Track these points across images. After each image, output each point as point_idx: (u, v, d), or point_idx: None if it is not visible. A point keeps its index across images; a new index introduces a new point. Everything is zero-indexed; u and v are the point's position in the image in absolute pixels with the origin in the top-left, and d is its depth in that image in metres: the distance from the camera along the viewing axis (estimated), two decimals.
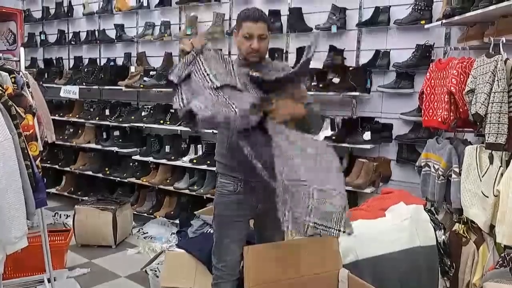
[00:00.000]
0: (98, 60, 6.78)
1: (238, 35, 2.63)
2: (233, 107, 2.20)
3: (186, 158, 5.41)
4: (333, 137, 4.37)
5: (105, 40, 6.58)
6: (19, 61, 5.67)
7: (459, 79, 3.30)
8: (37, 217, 3.53)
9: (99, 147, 6.23)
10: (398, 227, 3.11)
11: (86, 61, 6.85)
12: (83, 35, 6.87)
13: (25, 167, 2.71)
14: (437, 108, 3.57)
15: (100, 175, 6.17)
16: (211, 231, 3.40)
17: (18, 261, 3.79)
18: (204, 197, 5.19)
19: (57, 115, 6.55)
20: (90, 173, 6.25)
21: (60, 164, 6.62)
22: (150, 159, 5.68)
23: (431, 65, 3.76)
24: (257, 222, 2.85)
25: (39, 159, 3.15)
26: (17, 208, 2.59)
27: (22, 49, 5.20)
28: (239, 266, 2.75)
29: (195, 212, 4.09)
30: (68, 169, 6.50)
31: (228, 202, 2.62)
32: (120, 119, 5.99)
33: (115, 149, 6.04)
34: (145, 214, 5.67)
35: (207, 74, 2.35)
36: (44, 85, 6.48)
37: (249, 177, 2.49)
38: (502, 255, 2.72)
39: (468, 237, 3.25)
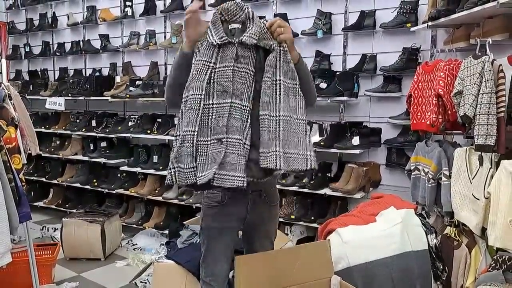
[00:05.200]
0: (83, 70, 6.74)
1: None
2: None
3: None
4: (322, 143, 4.34)
5: (90, 51, 6.53)
6: (1, 73, 5.62)
7: (446, 81, 3.29)
8: (23, 231, 3.47)
9: (86, 158, 6.16)
10: (389, 232, 3.08)
11: (71, 72, 6.79)
12: (68, 46, 6.83)
13: (7, 181, 2.66)
14: (425, 111, 3.56)
15: (88, 187, 6.11)
16: (200, 242, 3.36)
17: (4, 277, 3.73)
18: (194, 207, 5.14)
19: (43, 127, 6.53)
20: (77, 185, 6.18)
21: (47, 176, 6.55)
22: (138, 169, 5.63)
23: (418, 68, 3.75)
24: (246, 234, 2.80)
25: (22, 172, 3.11)
26: None
27: (4, 61, 5.15)
28: (227, 279, 2.71)
29: (184, 222, 4.05)
30: (55, 181, 6.43)
31: (216, 213, 2.56)
32: (107, 130, 5.94)
33: (102, 160, 5.98)
34: (134, 225, 5.60)
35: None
36: (30, 97, 6.41)
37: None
38: (495, 257, 2.70)
39: (460, 240, 3.22)
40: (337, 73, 4.47)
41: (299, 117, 2.29)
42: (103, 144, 6.11)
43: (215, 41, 2.27)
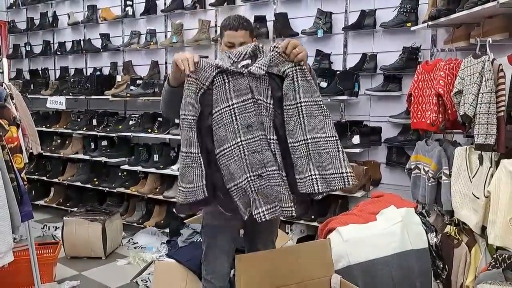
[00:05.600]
0: (84, 70, 6.75)
1: (222, 44, 2.63)
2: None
3: (175, 167, 5.37)
4: None
5: (91, 50, 6.55)
6: (2, 72, 5.63)
7: (446, 81, 3.30)
8: (24, 230, 3.48)
9: (87, 157, 6.18)
10: (389, 231, 3.09)
11: (72, 71, 6.80)
12: (68, 45, 6.84)
13: (9, 180, 2.68)
14: (425, 110, 3.57)
15: (88, 185, 6.12)
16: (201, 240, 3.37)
17: (6, 276, 3.75)
18: None
19: (44, 126, 6.54)
20: (78, 184, 6.20)
21: (48, 175, 6.56)
22: (139, 168, 5.63)
23: (418, 67, 3.75)
24: (247, 232, 2.83)
25: (24, 171, 3.11)
26: (1, 222, 2.55)
27: (5, 60, 5.16)
28: (229, 277, 2.73)
29: (184, 221, 4.06)
30: (56, 180, 6.44)
31: (217, 211, 2.57)
32: (108, 129, 5.96)
33: (103, 159, 6.00)
34: (135, 224, 5.62)
35: None
36: (30, 96, 6.43)
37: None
38: (494, 256, 2.71)
39: (460, 239, 3.23)
40: (338, 72, 4.48)
41: (328, 134, 2.29)
42: (104, 143, 6.13)
43: (224, 67, 2.27)
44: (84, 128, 6.18)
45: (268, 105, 2.28)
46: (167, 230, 5.08)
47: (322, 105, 2.32)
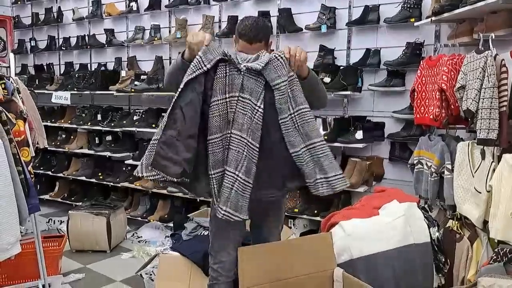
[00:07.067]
0: (89, 65, 6.78)
1: (236, 46, 2.60)
2: None
3: None
4: (325, 137, 4.34)
5: (95, 45, 6.56)
6: (9, 67, 5.65)
7: (449, 76, 3.31)
8: (30, 223, 3.51)
9: (91, 152, 6.20)
10: (391, 225, 3.11)
11: (77, 67, 6.83)
12: (73, 41, 6.86)
13: (17, 173, 2.71)
14: (428, 106, 3.58)
15: (93, 180, 6.16)
16: (205, 233, 3.40)
17: (12, 268, 3.78)
18: (198, 200, 5.18)
19: (49, 121, 6.55)
20: (83, 178, 6.23)
21: (53, 170, 6.59)
22: None
23: (421, 63, 3.77)
24: (253, 222, 2.86)
25: (31, 164, 3.15)
26: (9, 214, 2.58)
27: (12, 55, 5.19)
28: (235, 267, 2.75)
29: (188, 215, 4.09)
30: (61, 175, 6.48)
31: None
32: (112, 124, 5.98)
33: (107, 154, 6.02)
34: (139, 218, 5.65)
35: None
36: (36, 91, 6.45)
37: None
38: (496, 250, 2.73)
39: (462, 233, 3.24)
40: (341, 67, 4.50)
41: (321, 139, 2.45)
42: (109, 138, 6.16)
43: (228, 55, 2.35)
44: (89, 123, 6.21)
45: (257, 108, 2.34)
46: (171, 225, 5.11)
47: (310, 111, 2.41)
